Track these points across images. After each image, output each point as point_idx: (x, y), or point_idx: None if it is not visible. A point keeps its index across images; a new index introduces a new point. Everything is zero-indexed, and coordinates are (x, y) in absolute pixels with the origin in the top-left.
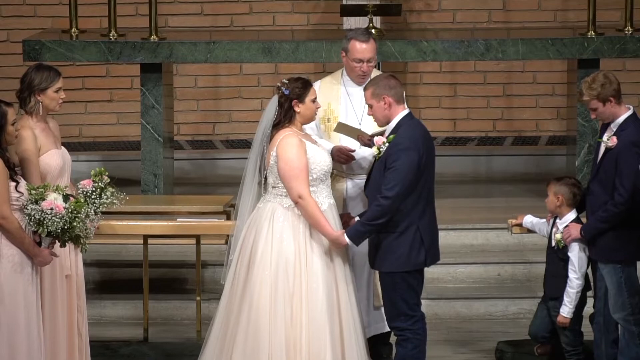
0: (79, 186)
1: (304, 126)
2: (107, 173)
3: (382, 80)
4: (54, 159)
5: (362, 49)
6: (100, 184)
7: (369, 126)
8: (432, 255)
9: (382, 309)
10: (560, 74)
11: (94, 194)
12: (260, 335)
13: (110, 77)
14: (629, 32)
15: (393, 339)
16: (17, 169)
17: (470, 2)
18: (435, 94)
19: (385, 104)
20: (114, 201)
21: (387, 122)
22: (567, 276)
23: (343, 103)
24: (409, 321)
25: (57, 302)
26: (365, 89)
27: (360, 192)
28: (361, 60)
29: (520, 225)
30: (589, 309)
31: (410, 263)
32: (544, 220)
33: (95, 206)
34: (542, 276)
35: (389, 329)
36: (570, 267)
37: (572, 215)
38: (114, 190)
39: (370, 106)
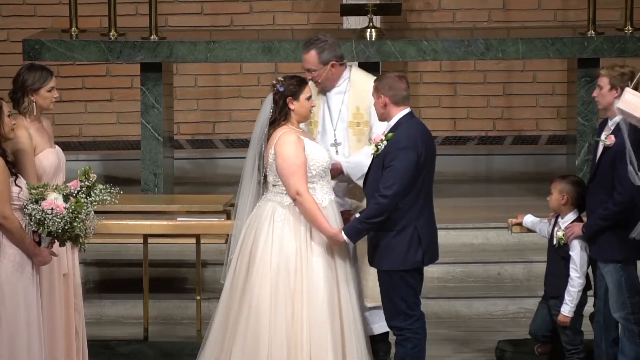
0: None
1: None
2: (92, 171)
3: (387, 79)
4: (49, 158)
5: (303, 58)
6: (86, 182)
7: (343, 131)
8: (430, 255)
9: (375, 310)
10: (560, 73)
11: (81, 192)
12: (260, 334)
13: (110, 76)
14: (629, 32)
15: (392, 337)
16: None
17: (470, 1)
18: (435, 93)
19: (381, 102)
20: (105, 197)
21: (385, 119)
22: (568, 275)
23: (321, 106)
24: (408, 320)
25: (55, 301)
26: (374, 80)
27: (341, 193)
28: (306, 70)
29: (520, 224)
30: (589, 308)
31: (407, 262)
32: (545, 220)
33: (87, 205)
34: (542, 275)
35: (387, 329)
36: (571, 265)
37: (573, 215)
38: (103, 187)
39: (373, 100)
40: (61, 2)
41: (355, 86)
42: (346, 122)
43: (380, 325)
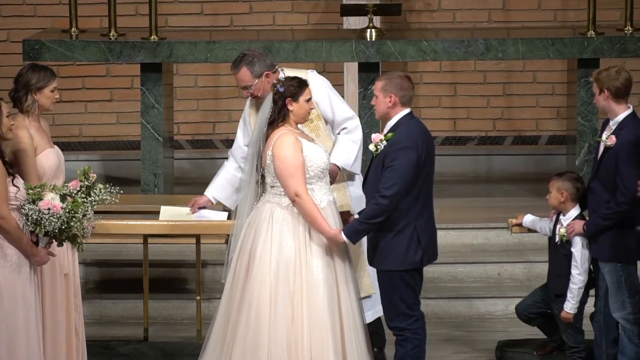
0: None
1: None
2: (92, 171)
3: (396, 79)
4: (50, 158)
5: (236, 79)
6: (86, 182)
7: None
8: (430, 255)
9: (366, 300)
10: (560, 74)
11: (80, 192)
12: (261, 335)
13: (110, 76)
14: (629, 32)
15: (392, 337)
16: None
17: (470, 2)
18: (435, 94)
19: (390, 101)
20: (105, 197)
21: (385, 118)
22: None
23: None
24: (408, 321)
25: (57, 301)
26: (377, 79)
27: None
28: (242, 88)
29: (520, 224)
30: (589, 308)
31: (406, 262)
32: (545, 218)
33: (86, 205)
34: (542, 275)
35: (372, 320)
36: (573, 263)
37: (575, 211)
38: (103, 186)
39: (376, 97)
40: (61, 2)
41: None
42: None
43: (368, 315)
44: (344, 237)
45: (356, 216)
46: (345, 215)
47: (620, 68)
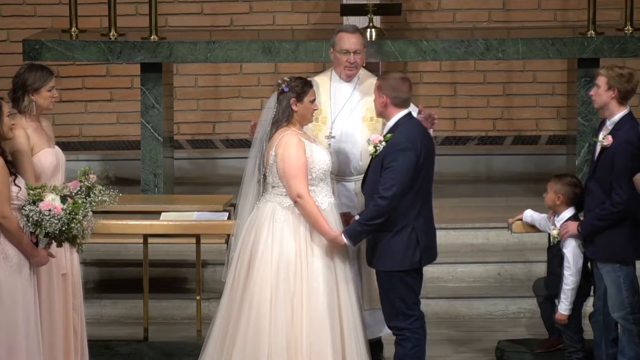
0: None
1: None
2: (92, 172)
3: (392, 80)
4: (47, 158)
5: (349, 40)
6: (86, 182)
7: (358, 121)
8: (428, 255)
9: (372, 312)
10: (560, 74)
11: (80, 192)
12: (261, 335)
13: (110, 76)
14: (629, 32)
15: (392, 338)
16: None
17: (470, 1)
18: (435, 94)
19: (382, 102)
20: (104, 198)
21: (382, 117)
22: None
23: (332, 100)
24: (408, 320)
25: (55, 301)
26: (378, 77)
27: (348, 194)
28: (348, 52)
29: (520, 220)
30: (589, 308)
31: (405, 262)
32: (544, 215)
33: (86, 205)
34: (542, 276)
35: (380, 335)
36: (565, 264)
37: (569, 212)
38: (102, 188)
39: (375, 95)
40: (61, 2)
41: (366, 80)
42: (359, 117)
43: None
44: (345, 240)
45: (357, 217)
46: (345, 217)
47: (632, 70)
